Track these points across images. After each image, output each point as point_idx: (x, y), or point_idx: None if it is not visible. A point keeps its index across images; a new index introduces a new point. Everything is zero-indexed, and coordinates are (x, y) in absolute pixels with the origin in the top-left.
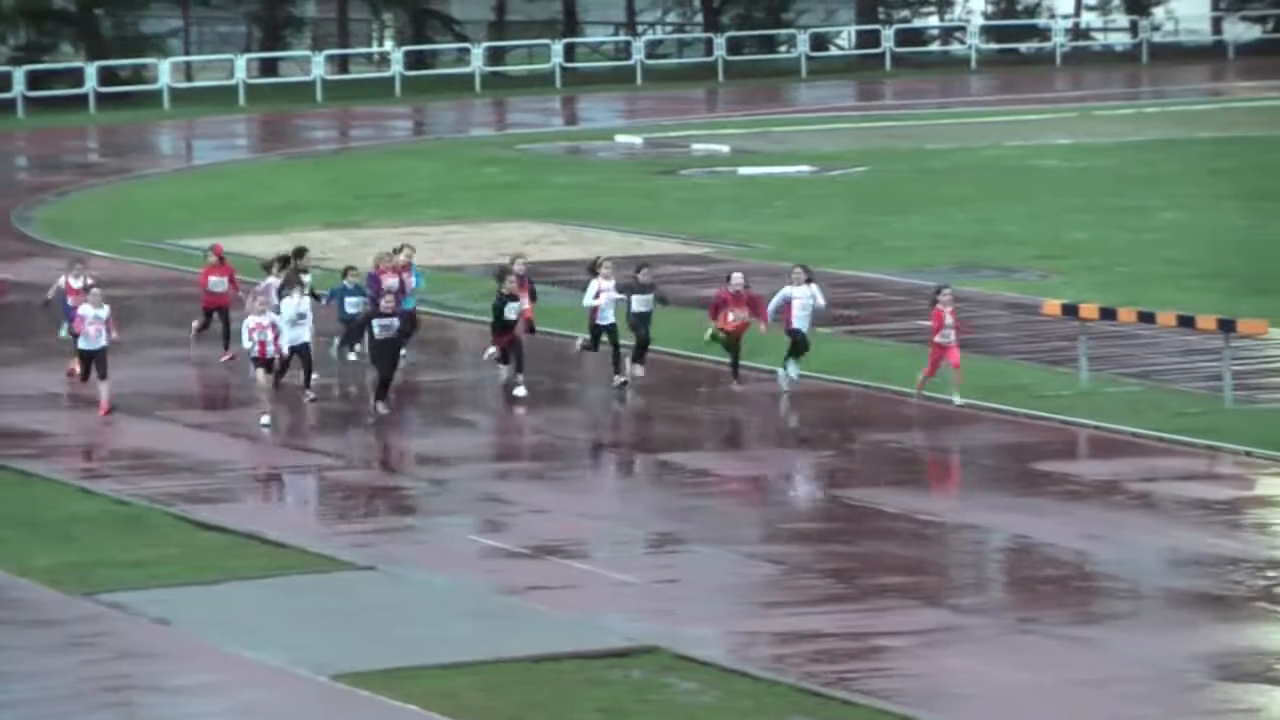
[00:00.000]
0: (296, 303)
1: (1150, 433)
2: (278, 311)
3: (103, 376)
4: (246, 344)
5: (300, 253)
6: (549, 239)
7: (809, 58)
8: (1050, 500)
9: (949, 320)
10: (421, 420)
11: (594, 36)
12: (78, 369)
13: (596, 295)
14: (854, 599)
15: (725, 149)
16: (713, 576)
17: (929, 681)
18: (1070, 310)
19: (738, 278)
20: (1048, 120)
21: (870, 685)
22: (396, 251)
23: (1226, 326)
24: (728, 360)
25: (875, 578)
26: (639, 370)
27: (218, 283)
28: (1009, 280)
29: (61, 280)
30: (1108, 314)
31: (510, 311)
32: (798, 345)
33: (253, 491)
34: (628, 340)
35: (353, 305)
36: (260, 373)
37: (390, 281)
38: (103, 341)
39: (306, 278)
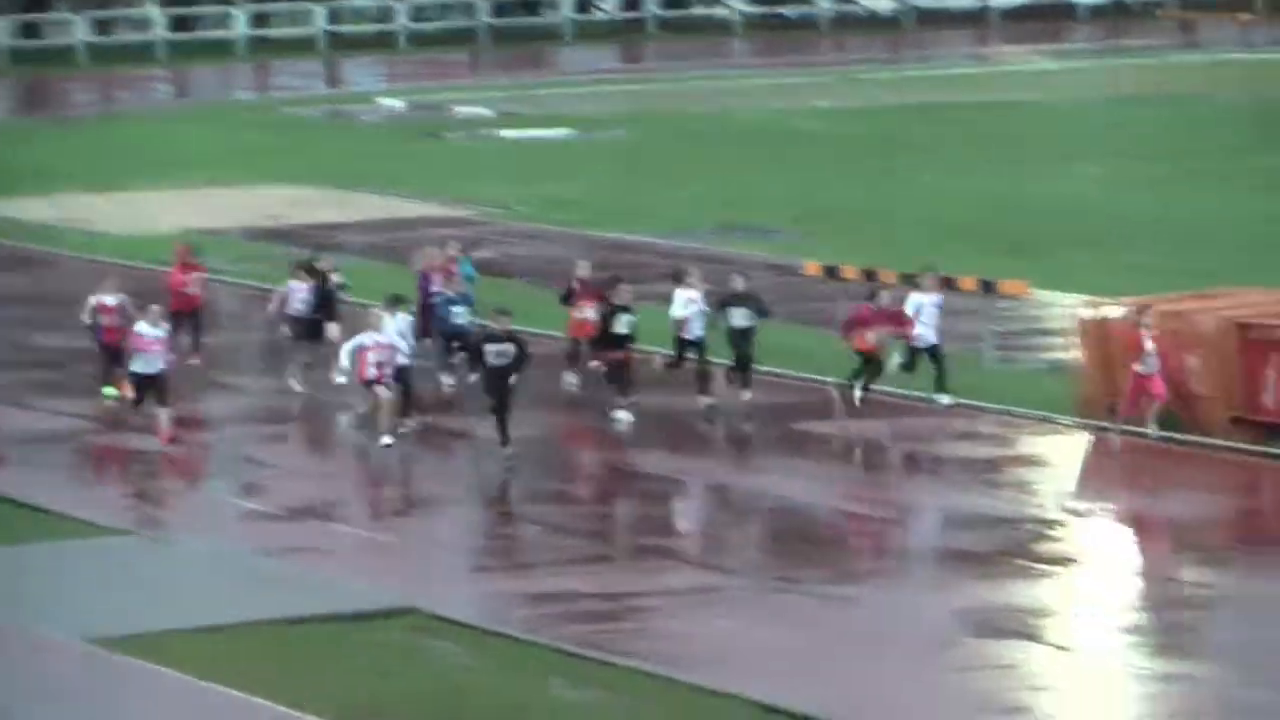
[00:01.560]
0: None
1: (911, 393)
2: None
3: (162, 403)
4: (345, 361)
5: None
6: (311, 202)
7: (573, 21)
8: (811, 461)
9: (1150, 346)
10: (190, 385)
11: (357, 0)
12: (130, 392)
13: (685, 306)
14: (612, 559)
15: (488, 112)
16: (471, 537)
17: (686, 642)
18: (831, 271)
19: (885, 297)
20: (810, 84)
21: (628, 645)
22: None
23: (987, 287)
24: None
25: (634, 538)
26: (746, 394)
27: (187, 283)
28: (769, 242)
29: (93, 299)
30: (868, 275)
31: (622, 325)
32: (936, 363)
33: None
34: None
35: (457, 316)
36: (382, 390)
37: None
38: (160, 364)
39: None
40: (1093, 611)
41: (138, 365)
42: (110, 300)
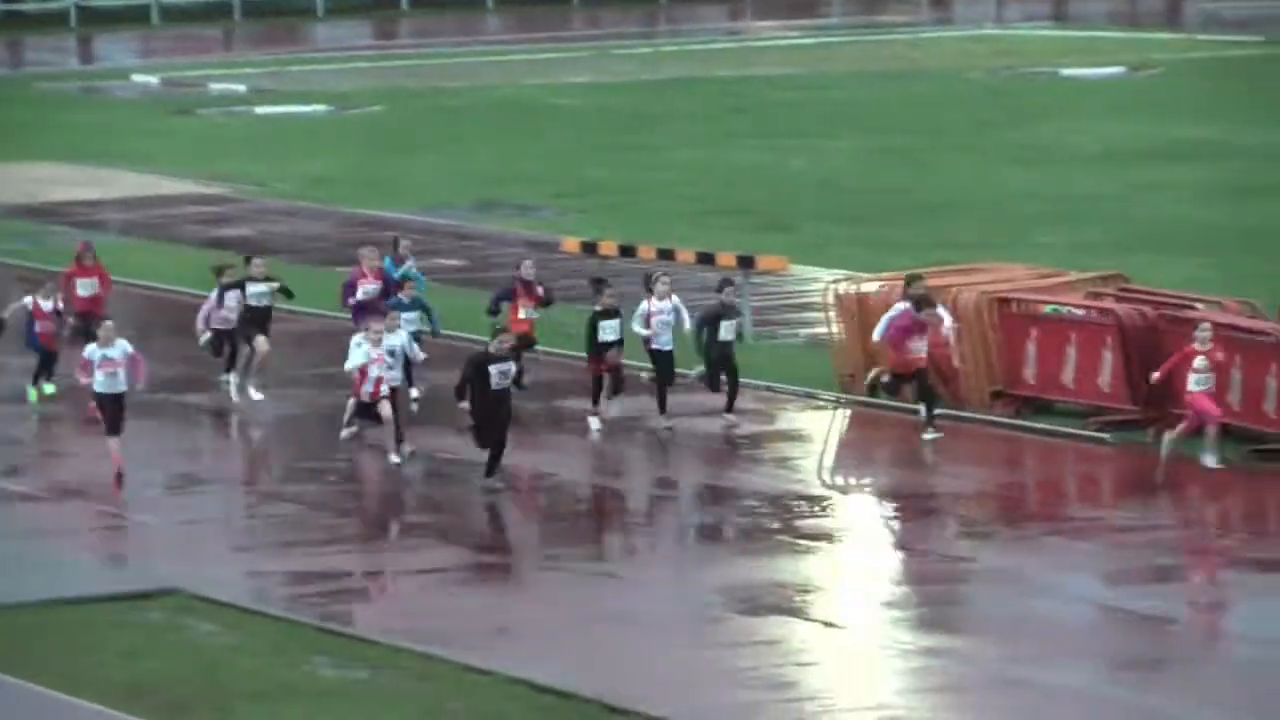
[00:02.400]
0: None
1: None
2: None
3: (112, 431)
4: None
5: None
6: (68, 180)
7: None
8: (574, 438)
9: (1203, 363)
10: None
11: None
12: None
13: (648, 320)
14: (372, 537)
15: (242, 88)
16: (233, 517)
17: (448, 619)
18: (589, 247)
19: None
20: (565, 59)
21: (390, 624)
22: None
23: (746, 263)
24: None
25: (395, 516)
26: (732, 417)
27: (86, 285)
28: (528, 218)
29: (28, 299)
30: (627, 251)
31: (607, 331)
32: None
33: None
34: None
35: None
36: (385, 406)
37: (369, 287)
38: (120, 385)
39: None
40: (857, 586)
41: (99, 385)
42: (45, 304)
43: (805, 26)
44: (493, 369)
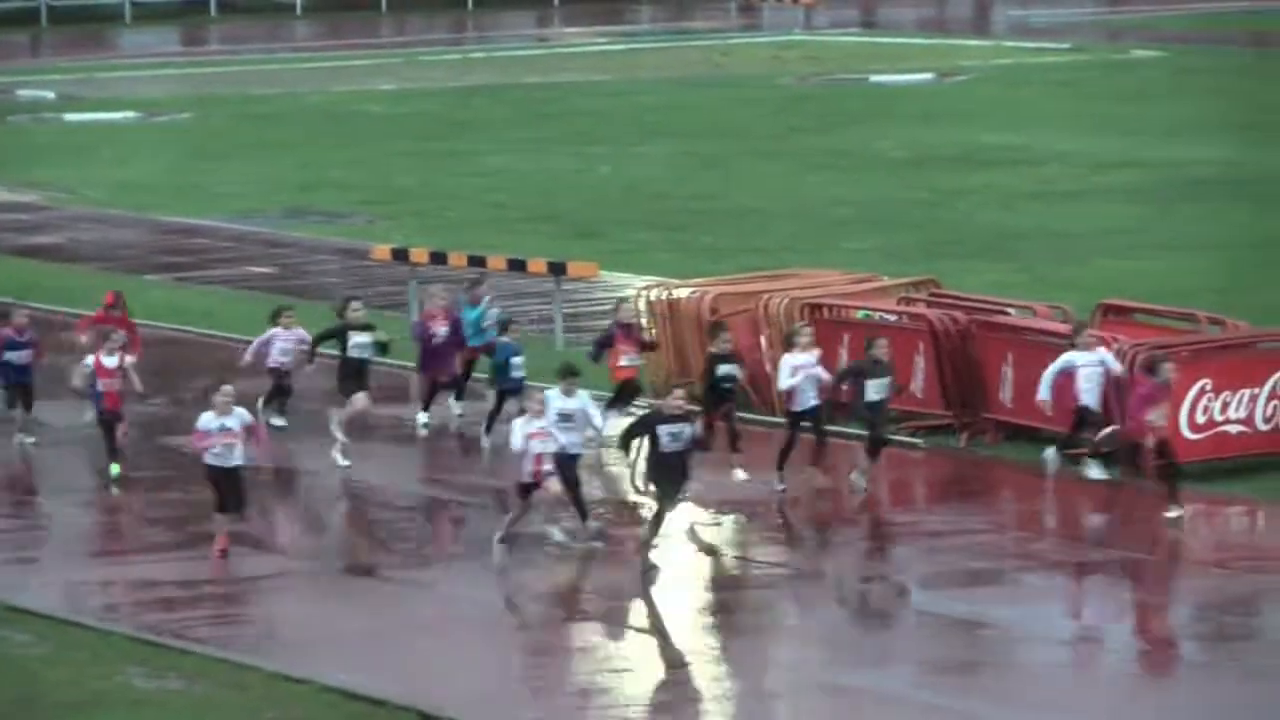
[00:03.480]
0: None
1: (482, 376)
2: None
3: (223, 508)
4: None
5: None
6: None
7: (133, 3)
8: (384, 444)
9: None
10: None
11: None
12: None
13: (793, 374)
14: (187, 546)
15: (51, 95)
16: (47, 527)
17: (261, 627)
18: (400, 254)
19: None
20: (373, 65)
21: (204, 633)
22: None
23: (557, 269)
24: None
25: (207, 525)
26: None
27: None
28: (337, 225)
29: (90, 359)
30: (438, 258)
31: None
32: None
33: None
34: None
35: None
36: (552, 483)
37: (439, 329)
38: (235, 459)
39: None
40: (671, 593)
41: (211, 458)
42: (109, 361)
43: (613, 33)
44: (662, 430)
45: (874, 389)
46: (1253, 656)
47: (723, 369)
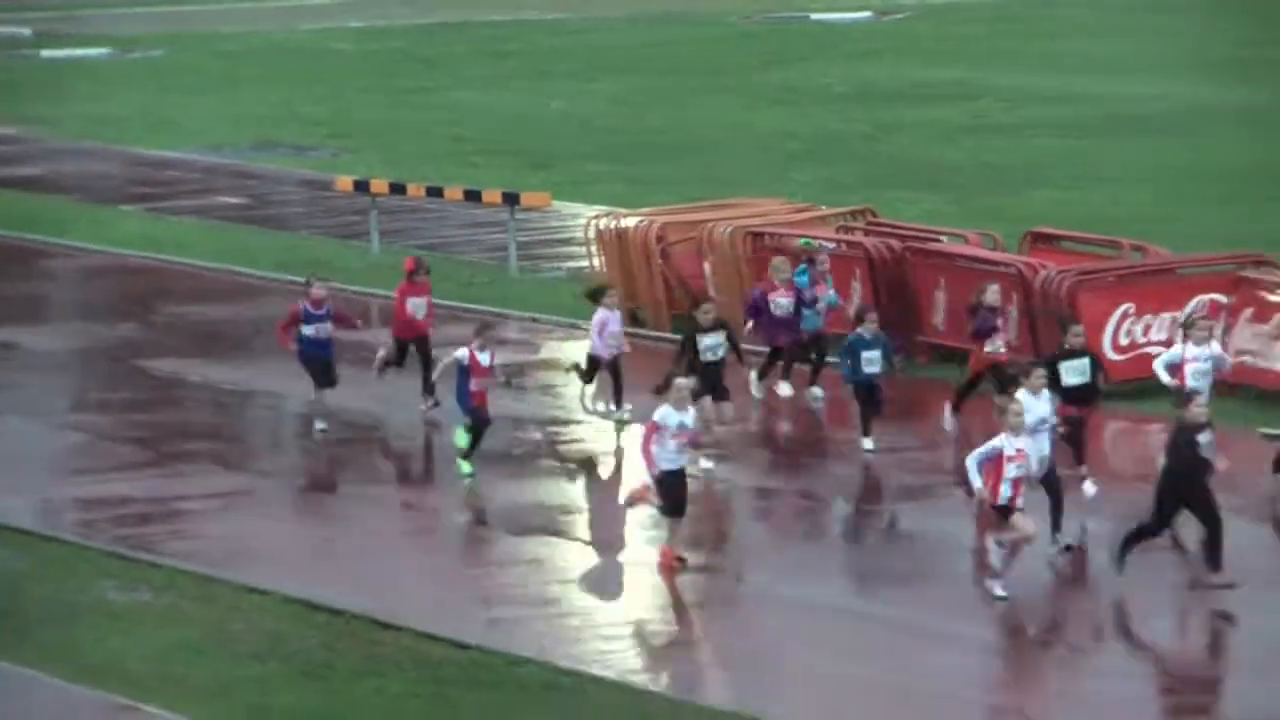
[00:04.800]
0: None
1: (441, 302)
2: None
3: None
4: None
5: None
6: None
7: None
8: (345, 368)
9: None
10: None
11: None
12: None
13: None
14: (157, 464)
15: (27, 32)
16: (23, 445)
17: (228, 542)
18: (362, 186)
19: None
20: (339, 4)
21: (173, 547)
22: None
23: (511, 200)
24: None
25: (177, 444)
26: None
27: (417, 305)
28: (303, 158)
29: (463, 351)
30: (397, 189)
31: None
32: None
33: None
34: None
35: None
36: (1022, 521)
37: (780, 300)
38: (682, 460)
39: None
40: (616, 508)
41: (665, 462)
42: (484, 357)
43: None
44: (1199, 438)
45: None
46: (1165, 564)
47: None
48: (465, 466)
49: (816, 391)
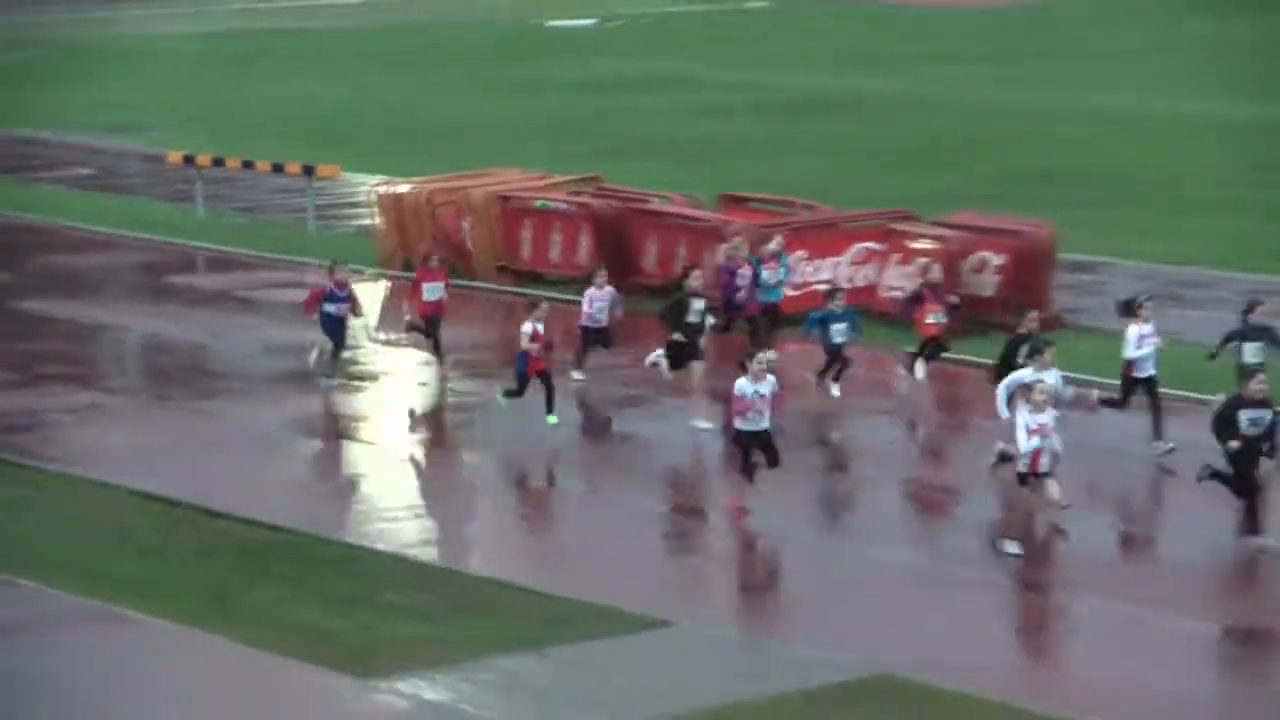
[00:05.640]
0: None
1: (253, 253)
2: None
3: (774, 459)
4: (1025, 447)
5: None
6: None
7: None
8: (178, 306)
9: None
10: None
11: None
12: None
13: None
14: (29, 385)
15: None
16: None
17: (84, 447)
18: (189, 160)
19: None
20: (176, 14)
21: (46, 451)
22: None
23: (309, 171)
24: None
25: (44, 368)
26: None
27: (433, 289)
28: (145, 136)
29: (528, 326)
30: (218, 162)
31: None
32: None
33: None
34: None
35: (838, 334)
36: (1051, 484)
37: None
38: (764, 423)
39: None
40: (394, 416)
41: (742, 423)
42: (542, 328)
43: None
44: (1243, 414)
45: (1250, 351)
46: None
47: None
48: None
49: (770, 355)
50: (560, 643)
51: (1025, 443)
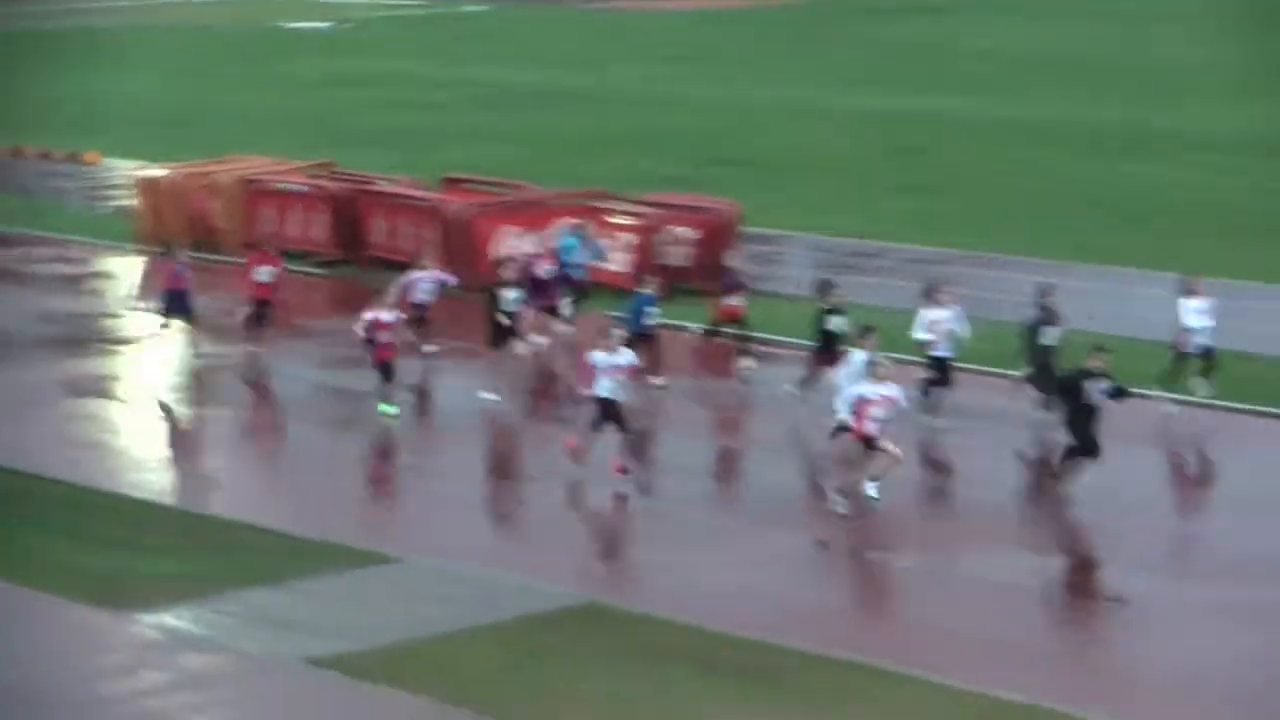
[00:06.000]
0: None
1: (50, 234)
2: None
3: (624, 426)
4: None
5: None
6: None
7: None
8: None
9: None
10: None
11: None
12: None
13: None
14: None
15: None
16: None
17: None
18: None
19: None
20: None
21: None
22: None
23: (73, 156)
24: None
25: None
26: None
27: (265, 272)
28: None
29: (368, 314)
30: (45, 155)
31: (833, 325)
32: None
33: None
34: None
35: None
36: (887, 445)
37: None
38: (617, 391)
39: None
40: (148, 376)
41: (601, 390)
42: (387, 316)
43: None
44: (1088, 384)
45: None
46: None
47: (834, 320)
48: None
49: (566, 315)
50: (298, 577)
51: (850, 409)
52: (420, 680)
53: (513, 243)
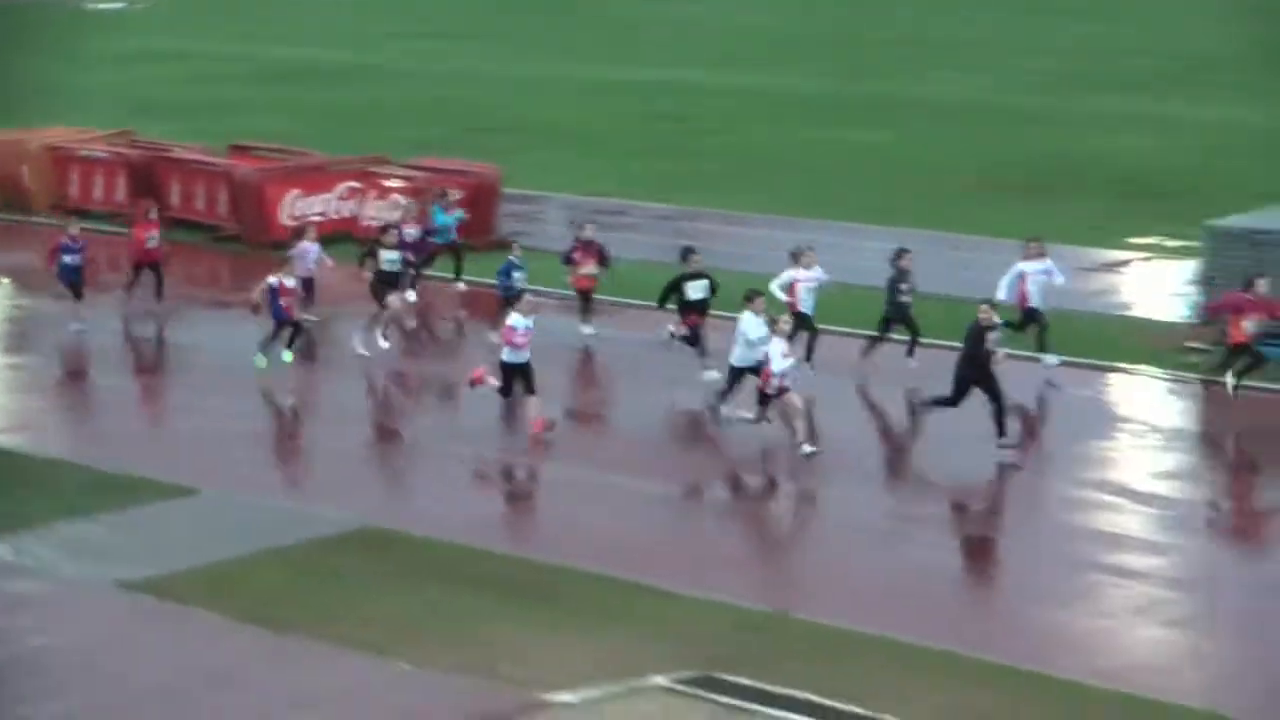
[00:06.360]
0: None
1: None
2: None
3: (530, 391)
4: (780, 367)
5: None
6: None
7: None
8: None
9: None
10: None
11: None
12: (491, 379)
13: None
14: None
15: None
16: None
17: None
18: None
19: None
20: None
21: None
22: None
23: None
24: None
25: None
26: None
27: (152, 238)
28: None
29: (272, 279)
30: None
31: (697, 291)
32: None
33: None
34: None
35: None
36: (792, 397)
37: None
38: (527, 355)
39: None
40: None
41: (507, 355)
42: (290, 283)
43: None
44: (990, 335)
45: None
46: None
47: (698, 284)
48: (287, 356)
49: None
50: (108, 510)
51: (780, 363)
52: (217, 601)
53: (299, 205)
